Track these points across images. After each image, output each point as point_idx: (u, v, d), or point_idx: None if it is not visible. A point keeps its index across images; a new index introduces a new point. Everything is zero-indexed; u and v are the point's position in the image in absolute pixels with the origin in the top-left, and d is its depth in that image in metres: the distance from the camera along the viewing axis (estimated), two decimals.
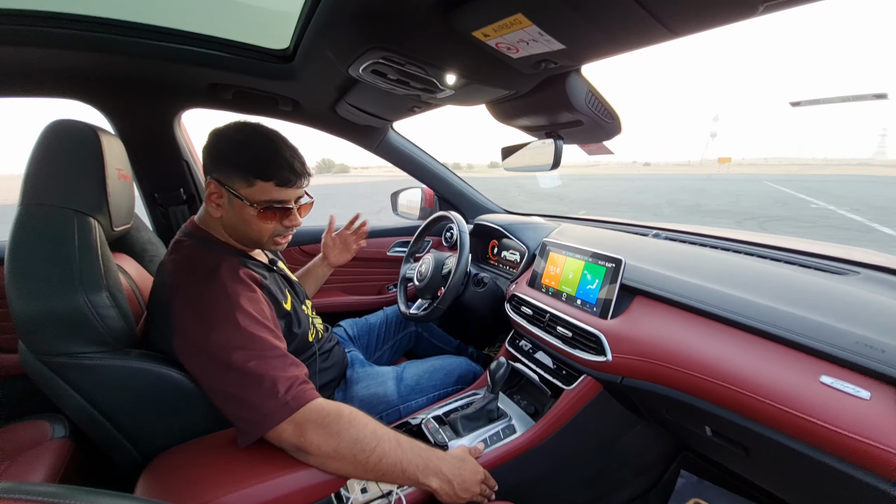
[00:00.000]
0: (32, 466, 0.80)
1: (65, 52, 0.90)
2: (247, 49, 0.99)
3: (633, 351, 0.78)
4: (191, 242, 0.77)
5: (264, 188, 0.74)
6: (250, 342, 0.65)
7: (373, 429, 0.68)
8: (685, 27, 0.52)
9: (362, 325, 1.34)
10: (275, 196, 0.75)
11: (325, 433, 0.64)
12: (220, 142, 0.75)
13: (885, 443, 0.48)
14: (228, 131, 0.75)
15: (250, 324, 0.67)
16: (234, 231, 0.79)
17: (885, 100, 0.66)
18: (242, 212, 0.75)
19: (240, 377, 0.63)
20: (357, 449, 0.65)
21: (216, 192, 0.75)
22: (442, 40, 0.66)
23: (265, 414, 0.63)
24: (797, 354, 0.59)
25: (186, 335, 0.67)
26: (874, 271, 0.72)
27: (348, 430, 0.65)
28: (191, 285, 0.69)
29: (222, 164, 0.74)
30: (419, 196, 1.76)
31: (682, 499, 1.08)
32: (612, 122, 0.84)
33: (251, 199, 0.73)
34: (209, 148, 0.75)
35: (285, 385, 0.64)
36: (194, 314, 0.66)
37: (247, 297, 0.70)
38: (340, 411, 0.67)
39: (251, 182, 0.73)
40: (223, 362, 0.64)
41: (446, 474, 0.71)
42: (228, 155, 0.73)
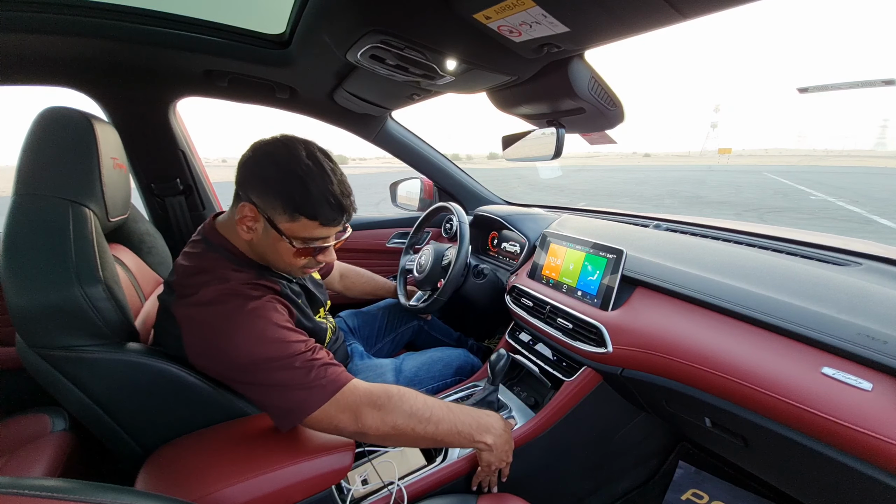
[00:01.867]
0: (33, 460, 0.80)
1: (55, 37, 0.88)
2: (242, 34, 0.97)
3: (634, 342, 0.78)
4: (206, 250, 0.72)
5: (307, 225, 0.67)
6: (272, 346, 0.63)
7: (423, 399, 0.69)
8: (694, 8, 0.51)
9: (362, 316, 1.33)
10: (316, 234, 0.69)
11: (381, 413, 0.65)
12: (264, 162, 0.67)
13: (886, 434, 0.48)
14: (277, 150, 0.67)
15: (272, 329, 0.64)
16: (262, 257, 0.73)
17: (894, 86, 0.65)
18: (277, 244, 0.69)
19: (267, 377, 0.62)
20: (414, 421, 0.67)
21: (251, 217, 0.67)
22: (442, 23, 0.64)
23: (302, 400, 0.62)
24: (799, 346, 0.59)
25: (202, 347, 0.64)
26: (876, 262, 0.72)
27: (401, 405, 0.66)
28: (201, 295, 0.65)
29: (266, 190, 0.66)
30: (418, 187, 1.74)
31: (680, 489, 1.09)
32: (614, 110, 0.82)
33: (290, 234, 0.68)
34: (250, 164, 0.67)
35: (321, 370, 0.63)
36: (207, 327, 0.64)
37: (261, 303, 0.66)
38: (389, 390, 0.67)
39: (295, 217, 0.66)
40: (248, 370, 0.62)
41: (498, 429, 0.75)
42: (276, 183, 0.66)
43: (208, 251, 0.71)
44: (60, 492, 0.31)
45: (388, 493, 0.75)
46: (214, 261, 0.70)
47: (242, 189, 0.68)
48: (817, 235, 0.89)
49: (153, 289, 0.96)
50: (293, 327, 0.68)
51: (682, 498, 1.07)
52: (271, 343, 0.63)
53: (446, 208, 1.33)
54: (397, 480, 0.77)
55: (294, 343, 0.65)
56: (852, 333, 0.55)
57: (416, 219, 1.50)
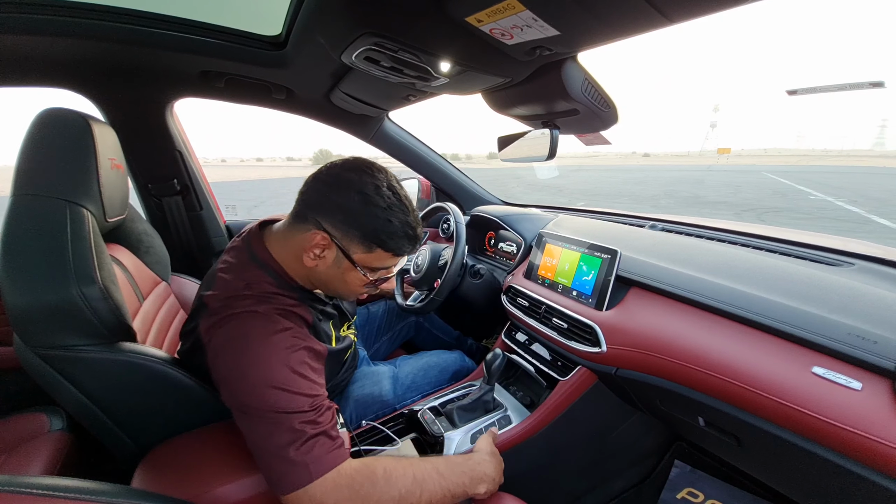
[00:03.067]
0: (30, 459, 0.80)
1: (52, 39, 0.88)
2: (238, 35, 0.97)
3: (628, 342, 0.78)
4: (247, 261, 0.69)
5: (381, 256, 0.68)
6: (277, 398, 0.57)
7: (412, 474, 0.61)
8: (680, 13, 0.51)
9: (363, 315, 1.34)
10: (386, 263, 0.70)
11: (362, 501, 0.56)
12: (344, 189, 0.65)
13: (875, 433, 0.48)
14: (359, 179, 0.65)
15: (282, 373, 0.59)
16: (322, 283, 0.72)
17: (882, 88, 0.65)
18: (348, 274, 0.68)
19: (262, 425, 0.57)
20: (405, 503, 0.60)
21: (322, 246, 0.65)
22: (435, 26, 0.65)
23: (283, 475, 0.55)
24: (789, 345, 0.59)
25: (218, 368, 0.62)
26: (868, 263, 0.72)
27: (388, 491, 0.58)
28: (232, 316, 0.63)
29: (346, 220, 0.64)
30: (416, 187, 1.75)
31: (675, 488, 1.10)
32: (608, 111, 0.83)
33: (364, 264, 0.67)
34: (329, 193, 0.65)
35: (307, 445, 0.56)
36: (228, 349, 0.61)
37: (286, 342, 0.62)
38: (374, 473, 0.59)
39: (372, 249, 0.66)
40: (247, 409, 0.58)
41: (491, 474, 0.70)
42: (358, 214, 0.64)
43: (251, 263, 0.69)
44: (58, 490, 0.32)
45: None
46: (257, 277, 0.67)
47: (313, 213, 0.66)
48: (811, 235, 0.90)
49: (151, 288, 0.96)
50: (309, 375, 0.63)
51: (678, 497, 1.08)
52: (275, 391, 0.58)
53: (443, 208, 1.34)
54: None
55: (299, 397, 0.59)
56: (843, 333, 0.55)
57: None
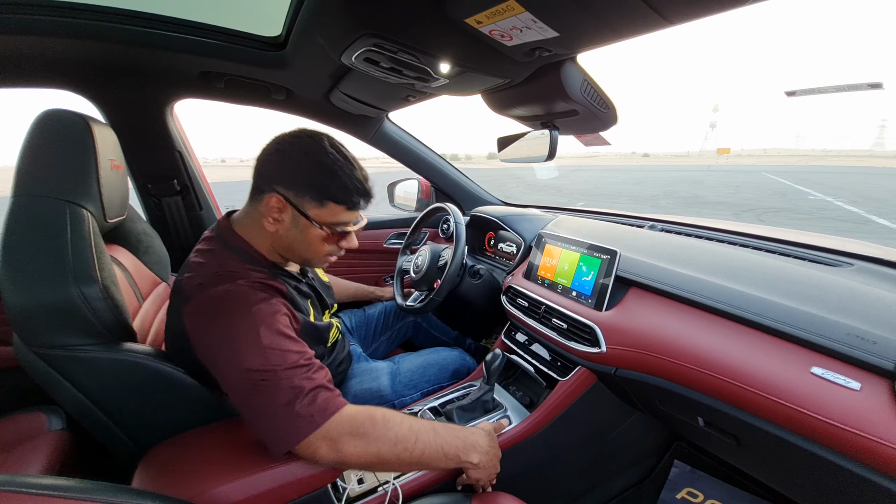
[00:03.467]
0: (29, 458, 0.80)
1: (52, 40, 0.88)
2: (238, 36, 0.97)
3: (627, 342, 0.79)
4: (219, 246, 0.72)
5: (335, 210, 0.71)
6: (267, 355, 0.61)
7: (409, 424, 0.67)
8: (679, 15, 0.52)
9: (360, 316, 1.34)
10: (342, 218, 0.73)
11: (363, 442, 0.62)
12: (291, 153, 0.69)
13: (874, 433, 0.48)
14: (303, 143, 0.70)
15: (269, 336, 0.62)
16: (287, 249, 0.75)
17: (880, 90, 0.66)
18: (307, 232, 0.72)
19: (261, 394, 0.60)
20: (399, 448, 0.64)
21: (279, 208, 0.69)
22: (434, 27, 0.65)
23: (290, 430, 0.59)
24: (788, 346, 0.59)
25: (205, 349, 0.64)
26: (867, 263, 0.72)
27: (385, 433, 0.64)
28: (210, 292, 0.65)
29: (293, 179, 0.69)
30: (416, 187, 1.75)
31: (675, 488, 1.10)
32: (607, 112, 0.83)
33: (320, 220, 0.71)
34: (275, 157, 0.70)
35: (309, 398, 0.60)
36: (212, 328, 0.63)
37: (266, 305, 0.65)
38: (373, 416, 0.64)
39: (323, 203, 0.70)
40: (243, 379, 0.60)
41: (484, 447, 0.74)
42: (302, 170, 0.69)
43: (224, 249, 0.72)
44: (57, 490, 0.32)
45: (383, 491, 0.75)
46: (229, 258, 0.71)
47: (266, 182, 0.70)
48: (810, 236, 0.90)
49: (151, 289, 0.96)
50: (294, 336, 0.67)
51: (678, 497, 1.08)
52: (267, 351, 0.61)
53: (443, 209, 1.34)
54: (393, 479, 0.77)
55: (290, 353, 0.63)
56: (842, 333, 0.55)
57: (413, 219, 1.50)
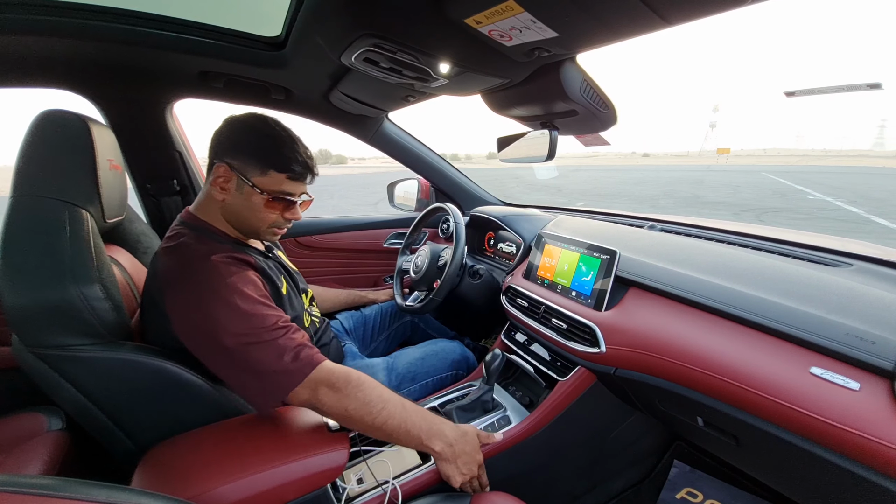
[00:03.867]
0: (28, 459, 0.80)
1: (52, 40, 0.88)
2: (238, 36, 0.97)
3: (627, 342, 0.79)
4: (185, 230, 0.77)
5: (277, 179, 0.76)
6: (249, 320, 0.66)
7: (379, 393, 0.72)
8: (678, 15, 0.52)
9: (358, 317, 1.34)
10: (284, 188, 0.77)
11: (336, 395, 0.68)
12: (238, 129, 0.76)
13: (873, 434, 0.48)
14: (249, 120, 0.77)
15: (245, 301, 0.68)
16: (235, 217, 0.79)
17: (879, 90, 0.66)
18: (250, 199, 0.76)
19: (245, 355, 0.65)
20: (364, 411, 0.69)
21: (225, 177, 0.75)
22: (434, 27, 0.65)
23: (279, 385, 0.66)
24: (788, 346, 0.59)
25: (184, 321, 0.67)
26: (867, 263, 0.72)
27: (356, 393, 0.69)
28: (184, 271, 0.70)
29: (238, 150, 0.75)
30: (416, 187, 1.75)
31: (675, 488, 1.10)
32: (606, 112, 0.83)
33: (262, 187, 0.76)
34: (224, 133, 0.76)
35: (291, 353, 0.67)
36: (189, 299, 0.67)
37: (239, 277, 0.70)
38: (349, 375, 0.70)
39: (265, 171, 0.75)
40: (225, 345, 0.65)
41: (448, 437, 0.75)
42: (247, 142, 0.75)
43: (190, 232, 0.77)
44: (56, 489, 0.32)
45: (382, 491, 0.75)
46: (195, 240, 0.75)
47: (216, 156, 0.76)
48: (809, 236, 0.90)
49: None
50: (268, 301, 0.72)
51: (677, 497, 1.08)
52: (246, 316, 0.66)
53: (442, 209, 1.34)
54: (392, 479, 0.77)
55: (268, 316, 0.68)
56: (841, 334, 0.55)
57: (413, 219, 1.50)
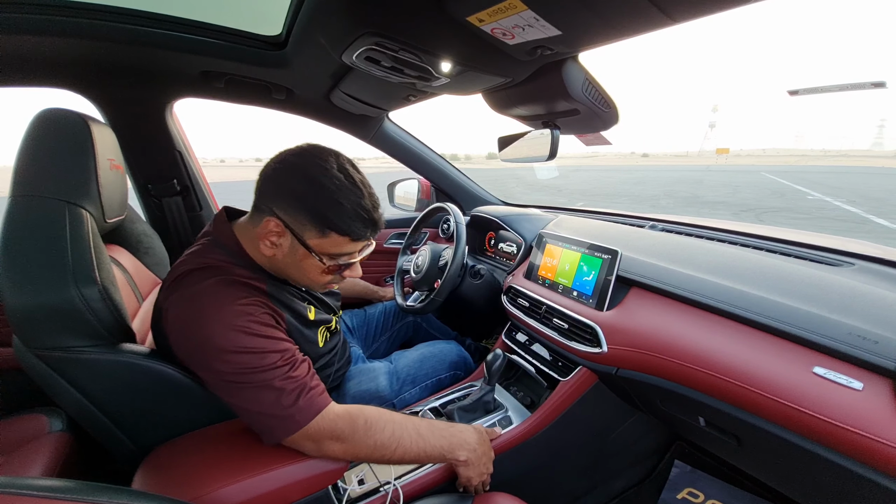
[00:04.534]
0: (30, 460, 0.80)
1: (52, 39, 0.88)
2: (239, 35, 0.97)
3: (628, 342, 0.78)
4: (208, 244, 0.70)
5: (337, 241, 0.67)
6: (243, 360, 0.60)
7: (391, 431, 0.67)
8: (683, 13, 0.51)
9: (361, 316, 1.34)
10: (345, 249, 0.68)
11: (342, 445, 0.64)
12: (293, 175, 0.65)
13: (876, 433, 0.48)
14: (308, 164, 0.65)
15: (242, 338, 0.61)
16: (283, 272, 0.72)
17: (883, 88, 0.65)
18: (304, 262, 0.68)
19: (243, 390, 0.61)
20: (377, 454, 0.66)
21: (276, 233, 0.65)
22: (436, 26, 0.65)
23: (275, 426, 0.62)
24: (790, 345, 0.59)
25: (181, 349, 0.64)
26: (868, 262, 0.72)
27: (365, 439, 0.65)
28: (186, 294, 0.64)
29: (295, 204, 0.64)
30: (416, 187, 1.74)
31: (675, 488, 1.10)
32: (608, 112, 0.83)
33: (320, 250, 0.67)
34: (279, 179, 0.66)
35: (291, 397, 0.61)
36: (186, 327, 0.63)
37: (242, 309, 0.63)
38: (355, 422, 0.65)
39: (325, 233, 0.66)
40: (219, 381, 0.62)
41: (472, 444, 0.74)
42: (306, 198, 0.64)
43: (213, 246, 0.70)
44: (57, 491, 0.31)
45: (384, 493, 0.75)
46: (214, 254, 0.69)
47: (266, 202, 0.66)
48: (811, 236, 0.90)
49: (150, 289, 0.96)
50: (274, 335, 0.65)
51: (678, 497, 1.08)
52: (238, 355, 0.60)
53: (443, 209, 1.34)
54: (393, 480, 0.77)
55: (268, 354, 0.61)
56: (843, 333, 0.55)
57: (413, 219, 1.50)
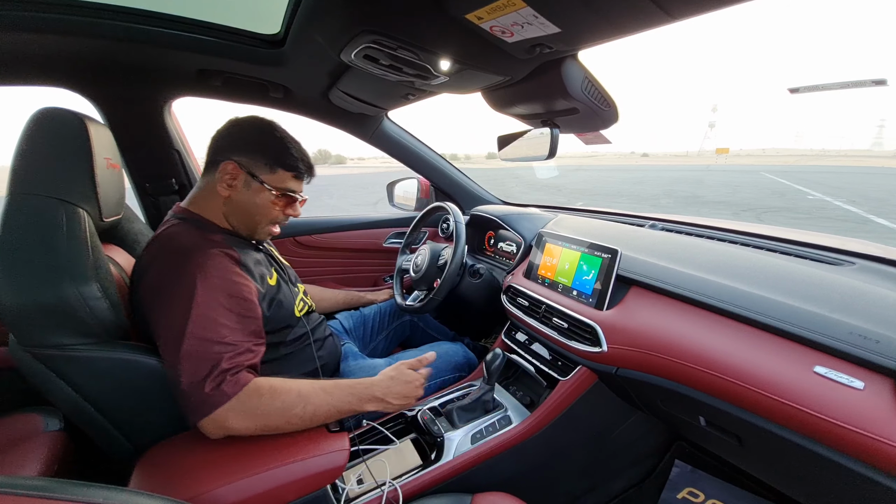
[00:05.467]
0: (26, 459, 0.79)
1: (50, 37, 0.88)
2: (236, 34, 0.97)
3: (628, 341, 0.78)
4: (176, 222, 0.78)
5: (283, 177, 0.82)
6: (196, 322, 0.65)
7: (297, 391, 0.70)
8: (683, 10, 0.51)
9: (357, 316, 1.33)
10: (289, 186, 0.83)
11: (246, 416, 0.65)
12: (247, 129, 0.81)
13: (877, 433, 0.48)
14: (256, 122, 0.82)
15: (204, 304, 0.66)
16: (237, 213, 0.82)
17: (884, 86, 0.65)
18: (258, 195, 0.80)
19: (180, 360, 0.63)
20: (288, 415, 0.68)
21: (233, 174, 0.78)
22: (434, 24, 0.64)
23: (192, 405, 0.63)
24: (791, 345, 0.59)
25: (150, 299, 0.69)
26: (869, 262, 0.72)
27: (271, 403, 0.67)
28: (165, 258, 0.71)
29: (248, 149, 0.79)
30: (415, 187, 1.74)
31: (676, 488, 1.10)
32: (608, 110, 0.82)
33: (270, 184, 0.80)
34: (232, 133, 0.80)
35: (214, 381, 0.63)
36: (158, 289, 0.69)
37: (215, 273, 0.70)
38: (259, 389, 0.67)
39: (274, 169, 0.80)
40: (171, 339, 0.65)
41: (378, 396, 0.78)
42: (257, 142, 0.80)
43: (179, 222, 0.78)
44: (53, 491, 0.31)
45: (382, 492, 0.75)
46: (184, 227, 0.77)
47: (221, 154, 0.79)
48: (812, 235, 0.89)
49: None
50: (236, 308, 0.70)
51: (678, 497, 1.08)
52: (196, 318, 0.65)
53: (442, 208, 1.33)
54: (392, 480, 0.77)
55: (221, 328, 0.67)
56: (844, 332, 0.55)
57: (412, 218, 1.50)
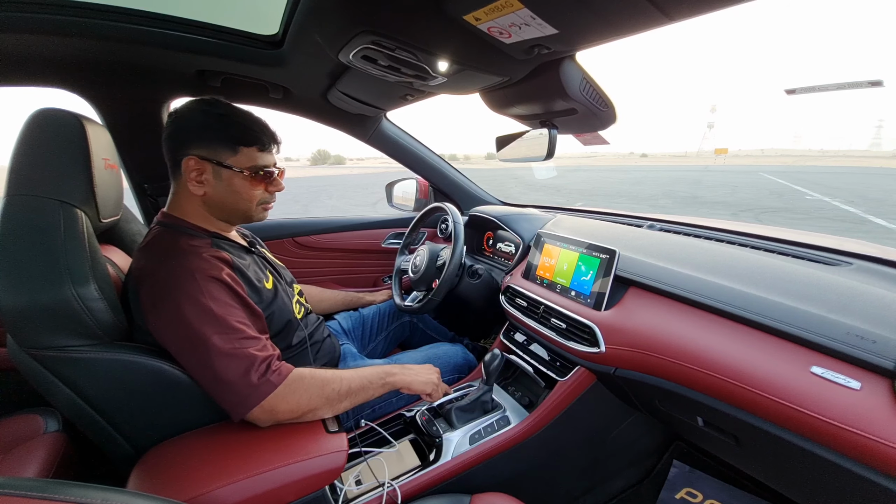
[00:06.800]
0: (25, 461, 0.79)
1: (47, 38, 0.87)
2: (235, 34, 0.97)
3: (627, 342, 0.78)
4: (159, 229, 0.77)
5: (249, 154, 0.76)
6: (216, 323, 0.66)
7: (331, 372, 0.77)
8: (681, 11, 0.51)
9: (356, 317, 1.33)
10: (259, 161, 0.77)
11: (296, 398, 0.69)
12: (191, 119, 0.75)
13: (874, 433, 0.48)
14: (198, 106, 0.75)
15: (215, 305, 0.68)
16: (220, 206, 0.79)
17: (880, 87, 0.65)
18: (232, 181, 0.76)
19: (212, 359, 0.65)
20: (328, 389, 0.73)
21: (198, 169, 0.74)
22: (432, 24, 0.65)
23: (241, 398, 0.66)
24: (788, 345, 0.59)
25: (156, 317, 0.68)
26: (867, 262, 0.72)
27: (311, 381, 0.72)
28: (156, 268, 0.70)
29: (201, 138, 0.74)
30: (414, 187, 1.74)
31: (674, 488, 1.10)
32: (606, 111, 0.83)
33: (240, 166, 0.76)
34: (178, 128, 0.75)
35: (258, 372, 0.67)
36: (160, 295, 0.68)
37: (211, 278, 0.70)
38: (302, 374, 0.72)
39: (236, 150, 0.75)
40: (194, 343, 0.65)
41: (397, 371, 0.85)
42: (206, 127, 0.74)
43: (163, 230, 0.76)
44: (52, 492, 0.31)
45: (381, 493, 0.75)
46: (169, 235, 0.75)
47: (178, 154, 0.74)
48: (809, 235, 0.90)
49: None
50: (238, 307, 0.72)
51: (677, 497, 1.08)
52: (213, 317, 0.66)
53: (441, 209, 1.33)
54: (391, 480, 0.77)
55: (238, 324, 0.69)
56: (841, 333, 0.55)
57: (411, 219, 1.50)
